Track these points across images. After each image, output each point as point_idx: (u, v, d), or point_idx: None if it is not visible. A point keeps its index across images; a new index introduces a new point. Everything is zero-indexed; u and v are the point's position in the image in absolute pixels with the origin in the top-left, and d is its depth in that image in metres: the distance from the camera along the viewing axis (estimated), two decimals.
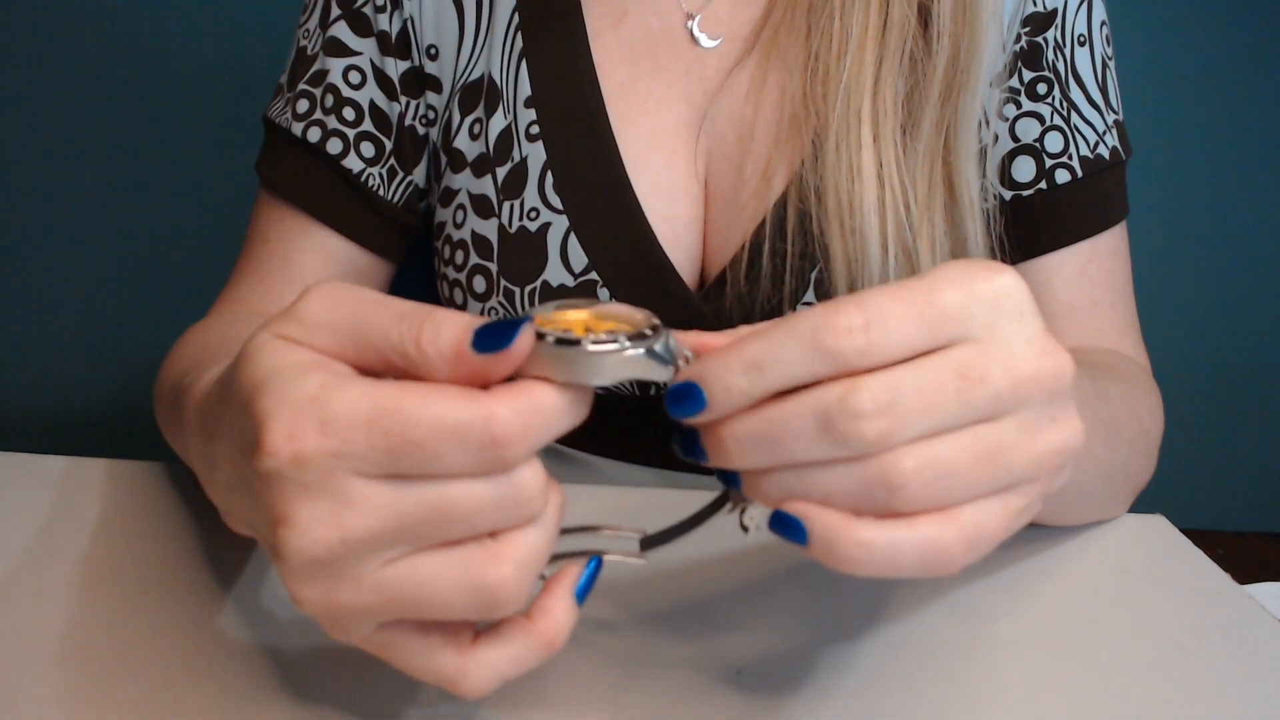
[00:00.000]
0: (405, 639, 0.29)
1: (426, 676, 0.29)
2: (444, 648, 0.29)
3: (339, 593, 0.27)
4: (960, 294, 0.28)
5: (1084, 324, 0.59)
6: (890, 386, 0.27)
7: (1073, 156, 0.58)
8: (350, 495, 0.26)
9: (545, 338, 0.28)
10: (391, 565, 0.27)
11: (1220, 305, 1.72)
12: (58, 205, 1.55)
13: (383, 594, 0.27)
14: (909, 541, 0.27)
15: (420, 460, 0.26)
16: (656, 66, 0.58)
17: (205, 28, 1.49)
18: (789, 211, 0.54)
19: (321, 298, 0.28)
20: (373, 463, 0.26)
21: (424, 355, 0.27)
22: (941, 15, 0.52)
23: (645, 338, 0.29)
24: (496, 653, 0.29)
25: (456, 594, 0.27)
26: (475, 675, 0.29)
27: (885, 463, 0.27)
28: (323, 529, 0.26)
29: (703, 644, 0.40)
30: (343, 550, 0.26)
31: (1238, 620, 0.44)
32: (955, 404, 0.27)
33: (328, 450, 0.26)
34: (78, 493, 0.49)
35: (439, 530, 0.27)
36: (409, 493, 0.26)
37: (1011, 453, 0.28)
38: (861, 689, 0.38)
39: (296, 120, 0.59)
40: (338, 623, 0.28)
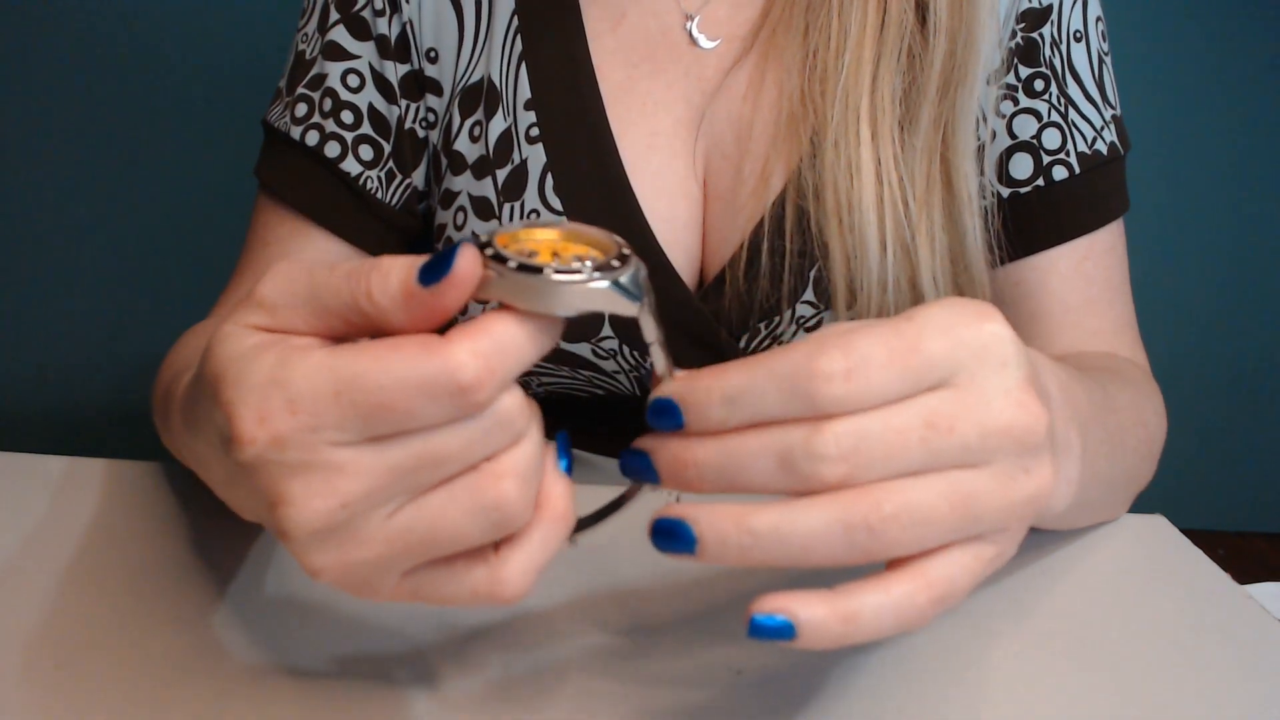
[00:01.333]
0: (431, 576, 0.29)
1: (465, 599, 0.29)
2: (471, 566, 0.29)
3: (351, 554, 0.27)
4: (947, 343, 0.28)
5: (1080, 322, 0.59)
6: (855, 433, 0.27)
7: (1070, 153, 0.58)
8: (337, 463, 0.26)
9: (508, 262, 0.26)
10: (396, 514, 0.27)
11: (1220, 305, 1.72)
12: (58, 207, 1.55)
13: (394, 543, 0.27)
14: (887, 605, 0.28)
15: (395, 420, 0.26)
16: (655, 68, 0.58)
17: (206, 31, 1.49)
18: (787, 210, 0.54)
19: (274, 278, 0.28)
20: (349, 431, 0.26)
21: (377, 305, 0.26)
22: (939, 11, 0.52)
23: (612, 269, 0.27)
24: (521, 549, 0.29)
25: (467, 520, 0.27)
26: (511, 577, 0.28)
27: (864, 506, 0.27)
28: (319, 500, 0.26)
29: (703, 644, 0.40)
30: (344, 514, 0.27)
31: (1238, 620, 0.44)
32: (920, 452, 0.28)
33: (301, 427, 0.26)
34: (76, 493, 0.49)
35: (433, 474, 0.27)
36: (394, 449, 0.26)
37: (984, 501, 0.28)
38: (861, 689, 0.38)
39: (295, 124, 0.59)
40: (360, 583, 0.28)
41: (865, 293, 0.53)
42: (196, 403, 0.30)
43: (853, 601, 0.28)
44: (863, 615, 0.28)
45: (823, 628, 0.28)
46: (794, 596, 0.28)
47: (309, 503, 0.26)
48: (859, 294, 0.53)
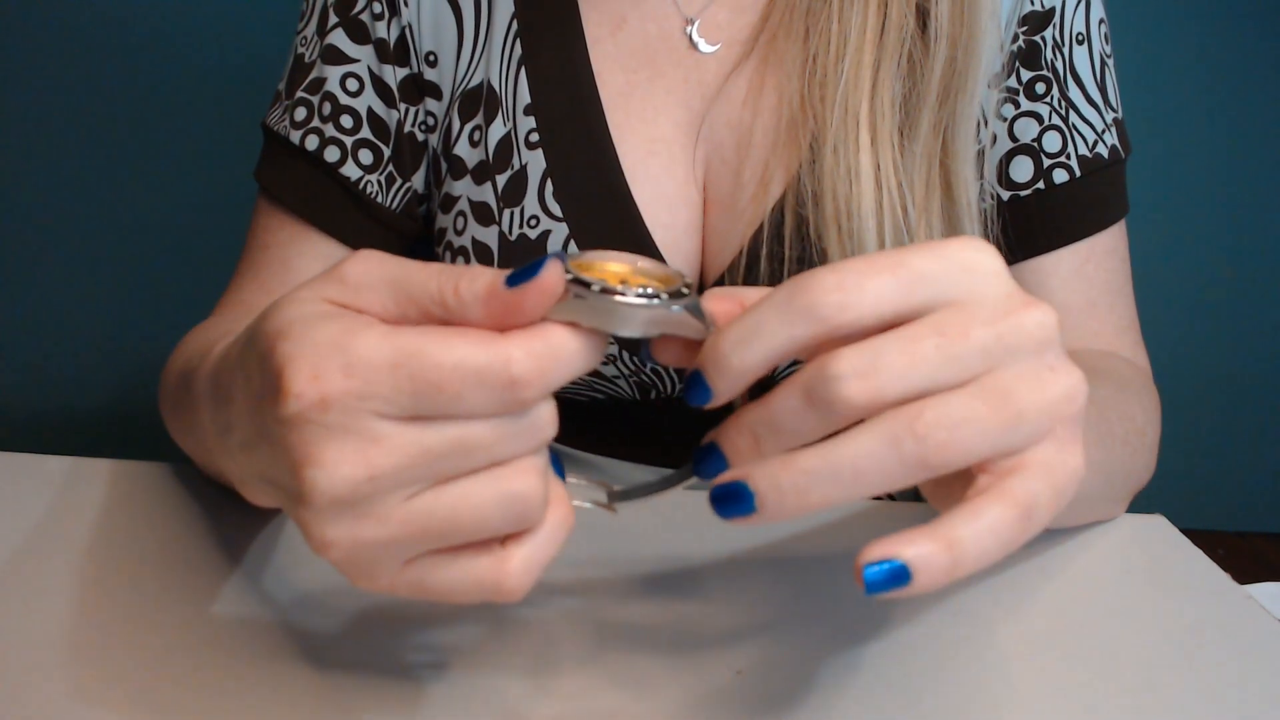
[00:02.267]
0: (435, 565, 0.29)
1: (467, 591, 0.29)
2: (478, 557, 0.29)
3: (365, 530, 0.27)
4: (934, 260, 0.28)
5: (1080, 325, 0.59)
6: (868, 350, 0.27)
7: (1071, 156, 0.58)
8: (376, 434, 0.27)
9: (591, 285, 0.28)
10: (417, 497, 0.28)
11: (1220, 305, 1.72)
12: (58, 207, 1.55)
13: (410, 524, 0.28)
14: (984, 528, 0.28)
15: (442, 401, 0.26)
16: (655, 73, 0.58)
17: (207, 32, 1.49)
18: (786, 216, 0.54)
19: (364, 259, 0.29)
20: (396, 404, 0.27)
21: (460, 300, 0.27)
22: (940, 17, 0.52)
23: (682, 295, 0.29)
24: (527, 544, 0.29)
25: (490, 507, 0.28)
26: (514, 571, 0.29)
27: (903, 420, 0.27)
28: (349, 467, 0.27)
29: (703, 644, 0.40)
30: (370, 487, 0.27)
31: (1238, 620, 0.44)
32: (938, 359, 0.27)
33: (352, 391, 0.26)
34: (79, 493, 0.49)
35: (461, 463, 0.27)
36: (432, 431, 0.27)
37: (1021, 396, 0.28)
38: (861, 689, 0.38)
39: (294, 128, 0.59)
40: (364, 564, 0.28)
41: None
42: (241, 360, 0.31)
43: (953, 528, 0.28)
44: (965, 540, 0.28)
45: (933, 560, 0.27)
46: (895, 539, 0.28)
47: (339, 468, 0.27)
48: None
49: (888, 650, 0.40)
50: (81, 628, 0.39)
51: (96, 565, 0.44)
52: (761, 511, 0.29)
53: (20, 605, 0.41)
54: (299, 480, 0.27)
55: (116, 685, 0.36)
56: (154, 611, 0.41)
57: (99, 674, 0.37)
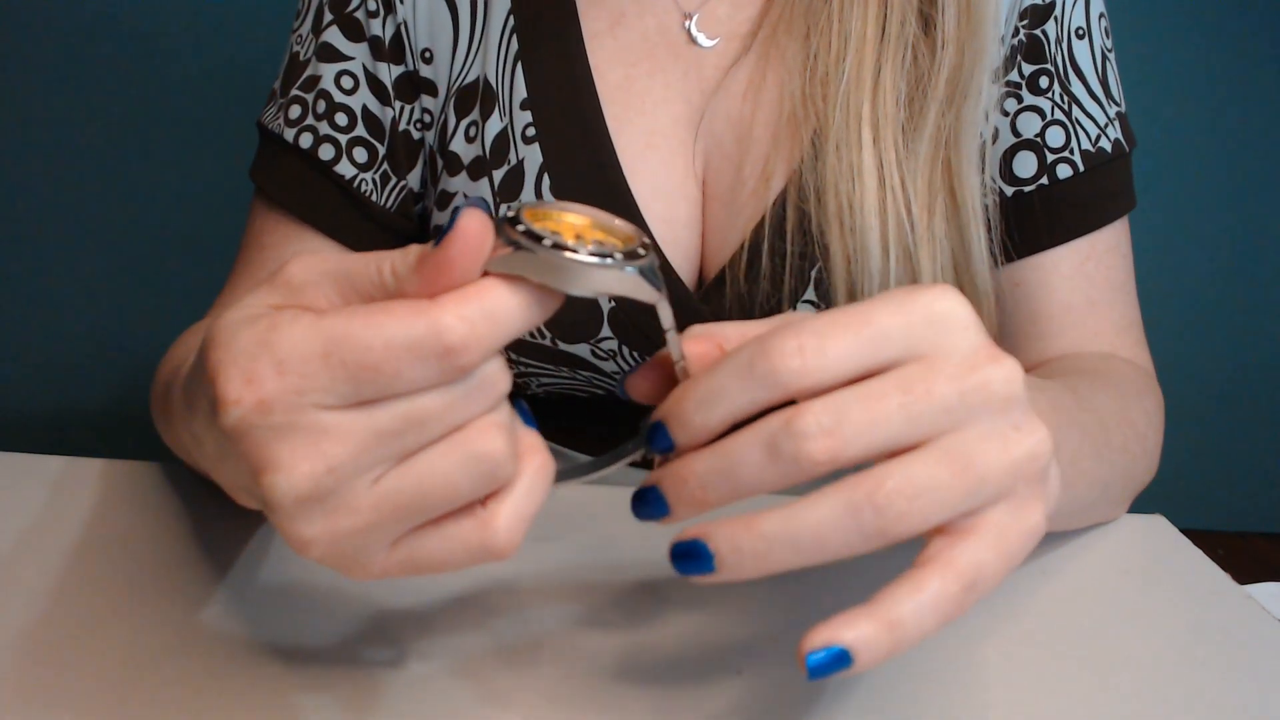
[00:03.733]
0: (421, 540, 0.29)
1: (458, 556, 0.29)
2: (460, 522, 0.28)
3: (339, 522, 0.27)
4: (897, 315, 0.28)
5: (1081, 323, 0.59)
6: (833, 407, 0.27)
7: (1074, 151, 0.58)
8: (323, 426, 0.26)
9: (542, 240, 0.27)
10: (383, 479, 0.27)
11: (1220, 305, 1.72)
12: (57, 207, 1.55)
13: (382, 507, 0.27)
14: (925, 603, 0.28)
15: (382, 382, 0.26)
16: (654, 67, 0.58)
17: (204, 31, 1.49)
18: (788, 212, 0.54)
19: (302, 259, 0.28)
20: (336, 393, 0.26)
21: (396, 275, 0.27)
22: (946, 23, 0.52)
23: (638, 257, 0.28)
24: (509, 499, 0.28)
25: (457, 471, 0.27)
26: (502, 527, 0.28)
27: (864, 488, 0.27)
28: (305, 464, 0.26)
29: (703, 644, 0.40)
30: (331, 480, 0.26)
31: (1238, 620, 0.44)
32: (901, 418, 0.27)
33: (289, 388, 0.26)
34: (74, 492, 0.49)
35: (417, 437, 0.27)
36: (380, 412, 0.26)
37: (983, 460, 0.28)
38: (861, 689, 0.38)
39: (289, 126, 0.59)
40: (349, 555, 0.28)
41: (866, 295, 0.53)
42: (194, 377, 0.30)
43: (892, 608, 0.28)
44: (905, 619, 0.28)
45: (874, 642, 0.28)
46: (836, 623, 0.28)
47: (296, 467, 0.26)
48: (859, 297, 0.53)
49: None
50: (76, 626, 0.39)
51: (92, 564, 0.43)
52: (720, 572, 0.29)
53: (16, 604, 0.41)
54: (260, 487, 0.27)
55: (111, 685, 0.36)
56: (149, 610, 0.40)
57: (94, 672, 0.37)
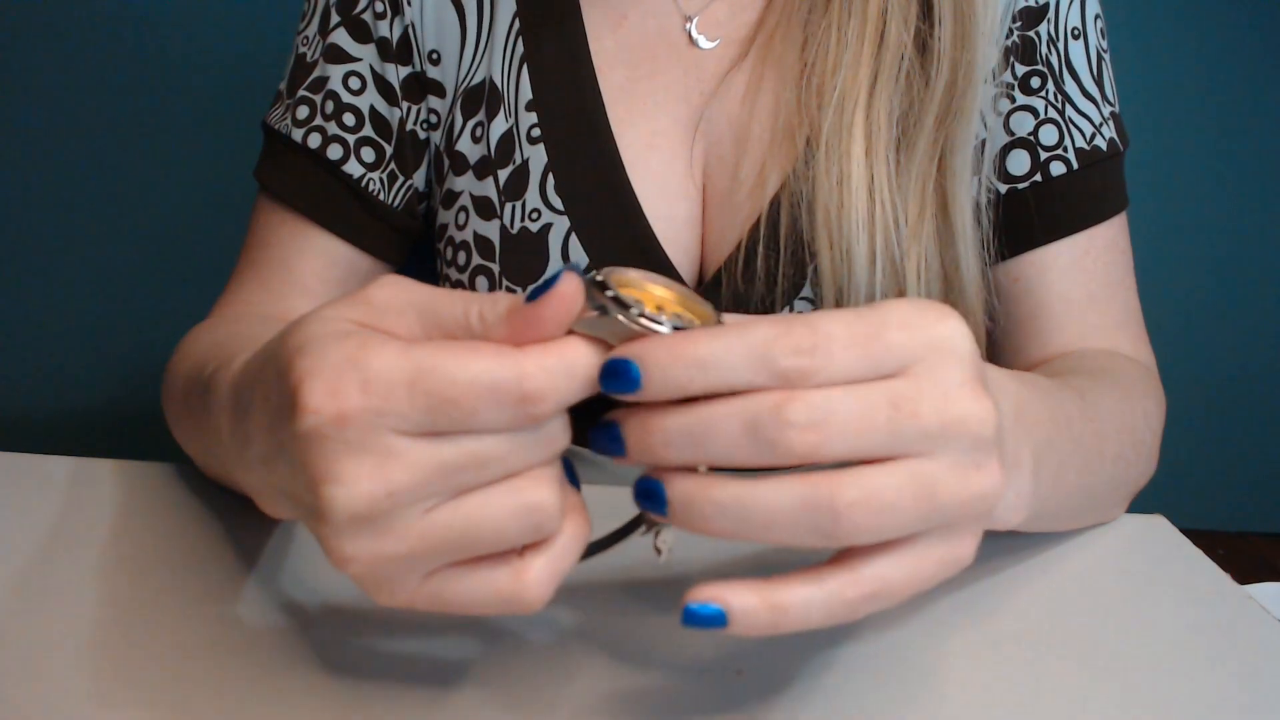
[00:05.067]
0: (455, 576, 0.29)
1: (487, 602, 0.29)
2: (496, 569, 0.29)
3: (385, 546, 0.28)
4: (906, 335, 0.29)
5: (1080, 319, 0.59)
6: (824, 405, 0.27)
7: (1068, 149, 0.58)
8: (393, 450, 0.27)
9: (630, 308, 0.28)
10: (435, 511, 0.28)
11: (1220, 305, 1.72)
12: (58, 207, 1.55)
13: (429, 538, 0.28)
14: (817, 599, 0.29)
15: (457, 417, 0.27)
16: (655, 68, 0.58)
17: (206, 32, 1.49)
18: (782, 214, 0.55)
19: (390, 284, 0.29)
20: (412, 420, 0.27)
21: (485, 322, 0.28)
22: (942, 39, 0.52)
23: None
24: (545, 554, 0.29)
25: (507, 518, 0.28)
26: (534, 580, 0.29)
27: (828, 491, 0.28)
28: (368, 483, 0.27)
29: (703, 644, 0.40)
30: (388, 503, 0.27)
31: (1238, 620, 0.44)
32: (885, 432, 0.28)
33: (370, 409, 0.27)
34: (81, 494, 0.49)
35: (477, 477, 0.28)
36: (448, 446, 0.27)
37: (944, 491, 0.29)
38: (861, 689, 0.38)
39: (297, 126, 0.59)
40: (385, 579, 0.29)
41: (852, 303, 0.53)
42: (260, 375, 0.31)
43: (783, 593, 0.29)
44: (791, 606, 0.29)
45: (752, 615, 0.29)
46: (727, 586, 0.29)
47: (358, 484, 0.27)
48: (846, 304, 0.53)
49: (887, 650, 0.40)
50: (84, 628, 0.39)
51: (98, 566, 0.44)
52: (670, 519, 0.30)
53: (22, 606, 0.41)
54: (317, 497, 0.27)
55: (119, 686, 0.36)
56: (157, 611, 0.41)
57: (101, 675, 0.37)
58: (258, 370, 0.32)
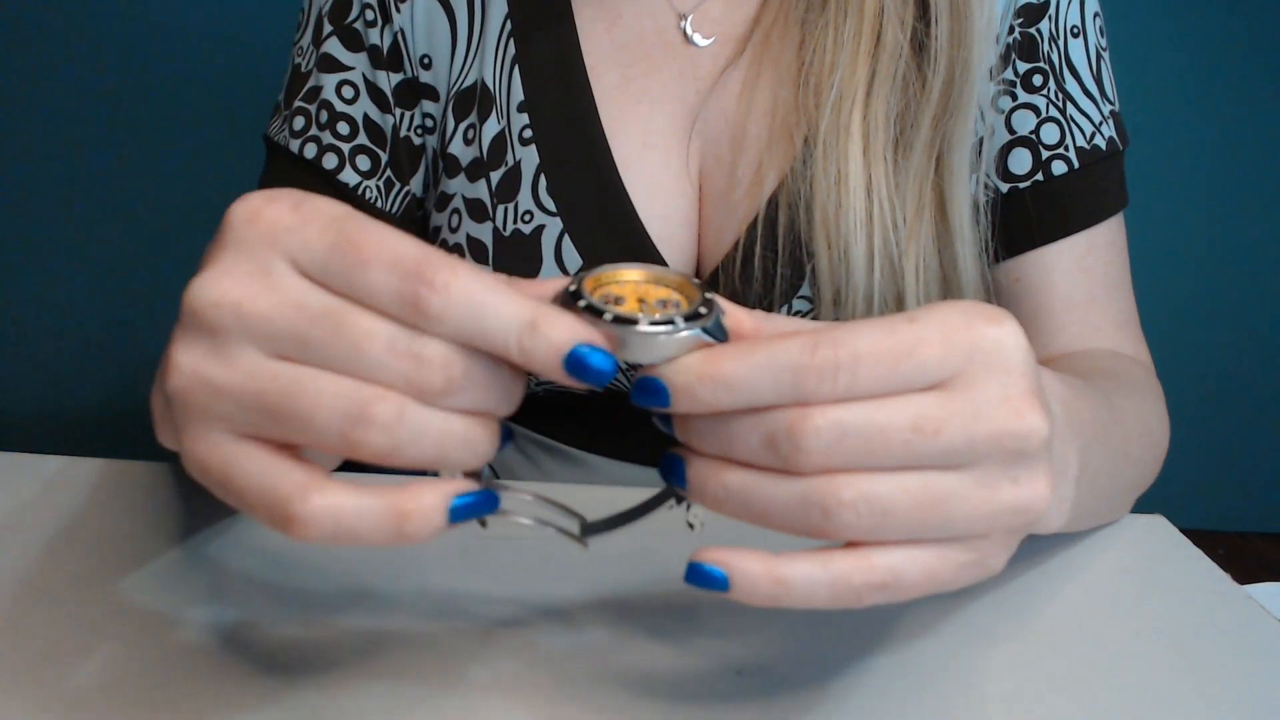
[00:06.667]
0: (254, 452, 0.28)
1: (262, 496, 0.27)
2: (294, 469, 0.27)
3: (213, 367, 0.27)
4: (944, 347, 0.28)
5: (1083, 319, 0.59)
6: (838, 426, 0.27)
7: (1069, 148, 0.58)
8: (272, 270, 0.27)
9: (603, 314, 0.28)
10: (274, 360, 0.27)
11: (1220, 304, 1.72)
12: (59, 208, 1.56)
13: (252, 381, 0.27)
14: (822, 579, 0.29)
15: (351, 263, 0.27)
16: (650, 67, 0.58)
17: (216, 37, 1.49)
18: (780, 213, 0.55)
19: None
20: (311, 254, 0.27)
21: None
22: (938, 37, 0.52)
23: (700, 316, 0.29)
24: (344, 493, 0.27)
25: (328, 401, 0.26)
26: (313, 503, 0.27)
27: (825, 489, 0.28)
28: (228, 284, 0.27)
29: (703, 644, 0.40)
30: (233, 319, 0.27)
31: (1238, 620, 0.44)
32: (902, 454, 0.28)
33: (282, 222, 0.27)
34: (73, 492, 0.49)
35: (328, 341, 0.27)
36: (320, 295, 0.27)
37: (957, 504, 0.28)
38: (861, 688, 0.38)
39: (293, 137, 0.59)
40: (196, 407, 0.28)
41: (850, 303, 0.53)
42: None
43: (788, 567, 0.29)
44: (795, 582, 0.29)
45: (754, 583, 0.29)
46: (734, 552, 0.29)
47: (219, 280, 0.27)
48: (844, 305, 0.53)
49: (887, 649, 0.40)
50: (75, 626, 0.39)
51: (89, 565, 0.43)
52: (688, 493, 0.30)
53: (14, 604, 0.40)
54: (191, 285, 0.28)
55: (109, 686, 0.36)
56: (148, 611, 0.40)
57: (93, 673, 0.37)
58: None
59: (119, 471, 0.51)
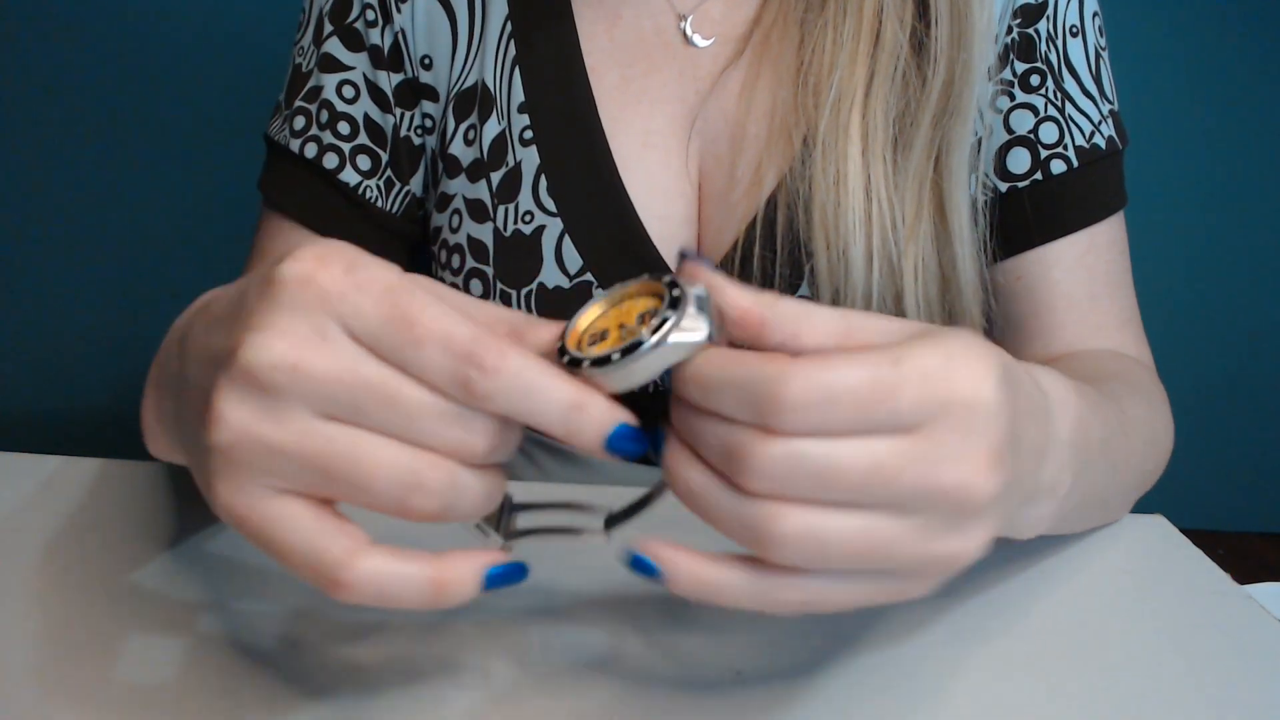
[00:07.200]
0: (301, 511, 0.28)
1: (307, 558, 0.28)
2: (338, 533, 0.28)
3: (263, 423, 0.27)
4: (923, 395, 0.28)
5: (1084, 317, 0.59)
6: (795, 457, 0.27)
7: (1068, 147, 0.58)
8: (328, 336, 0.27)
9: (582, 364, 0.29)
10: (329, 421, 0.27)
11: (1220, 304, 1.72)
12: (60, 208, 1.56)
13: (307, 442, 0.27)
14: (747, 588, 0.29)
15: (404, 341, 0.27)
16: (650, 67, 0.58)
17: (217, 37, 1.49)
18: (779, 213, 0.55)
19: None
20: (365, 321, 0.27)
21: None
22: (938, 39, 0.52)
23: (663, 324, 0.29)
24: (387, 560, 0.28)
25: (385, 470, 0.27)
26: (359, 568, 0.28)
27: (768, 515, 0.28)
28: (285, 344, 0.27)
29: (703, 644, 0.40)
30: (288, 379, 0.27)
31: (1238, 620, 0.44)
32: (853, 494, 0.28)
33: (338, 287, 0.27)
34: (72, 492, 0.49)
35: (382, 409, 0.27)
36: (374, 366, 0.27)
37: (894, 548, 0.29)
38: (861, 688, 0.38)
39: (294, 137, 0.59)
40: (242, 463, 0.28)
41: (849, 302, 0.53)
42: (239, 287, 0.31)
43: (715, 572, 0.29)
44: (720, 586, 0.29)
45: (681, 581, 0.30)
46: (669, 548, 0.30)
47: (277, 341, 0.27)
48: (843, 304, 0.53)
49: (887, 649, 0.40)
50: (73, 626, 0.39)
51: (90, 564, 0.43)
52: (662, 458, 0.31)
53: (12, 603, 0.40)
54: (237, 339, 0.27)
55: (106, 686, 0.36)
56: (147, 610, 0.40)
57: (92, 673, 0.37)
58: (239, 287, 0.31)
59: (118, 472, 0.51)
